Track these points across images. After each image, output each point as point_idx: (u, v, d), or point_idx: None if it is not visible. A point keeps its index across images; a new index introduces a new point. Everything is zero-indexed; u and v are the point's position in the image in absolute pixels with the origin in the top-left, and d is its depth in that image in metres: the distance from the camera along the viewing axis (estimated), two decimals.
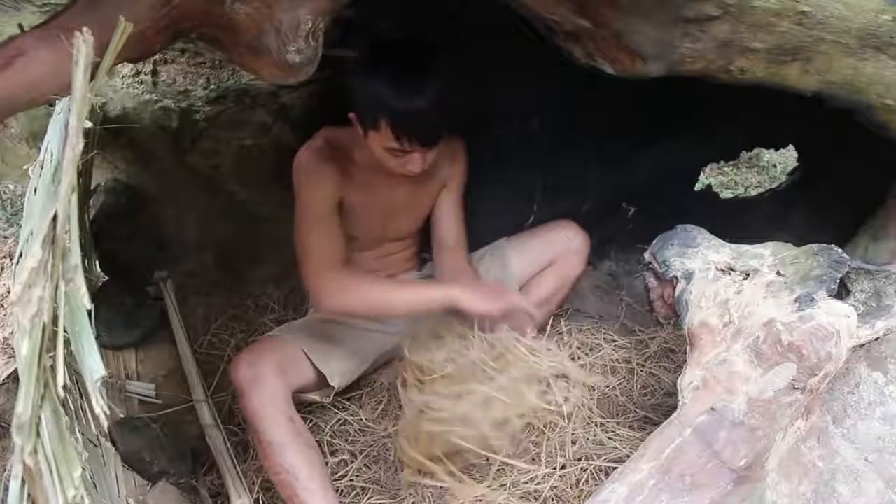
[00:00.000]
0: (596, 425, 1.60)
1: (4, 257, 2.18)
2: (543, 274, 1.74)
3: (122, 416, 1.59)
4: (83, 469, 0.66)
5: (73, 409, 1.16)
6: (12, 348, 1.77)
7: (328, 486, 1.39)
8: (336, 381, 1.56)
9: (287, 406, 1.40)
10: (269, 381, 1.39)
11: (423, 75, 1.33)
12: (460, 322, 1.45)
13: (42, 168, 1.08)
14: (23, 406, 0.58)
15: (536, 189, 2.06)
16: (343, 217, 1.55)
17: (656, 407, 1.65)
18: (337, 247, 1.50)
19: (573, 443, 1.53)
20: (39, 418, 0.61)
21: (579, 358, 1.80)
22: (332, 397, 1.61)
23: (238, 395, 1.41)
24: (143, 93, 1.80)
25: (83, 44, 0.58)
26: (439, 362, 1.34)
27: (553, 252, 1.74)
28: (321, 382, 1.56)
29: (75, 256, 0.61)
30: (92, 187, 1.84)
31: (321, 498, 1.34)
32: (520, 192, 2.04)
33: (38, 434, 0.61)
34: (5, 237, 2.32)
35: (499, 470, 1.47)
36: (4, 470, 1.25)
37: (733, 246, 1.29)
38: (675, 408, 1.15)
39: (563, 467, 1.47)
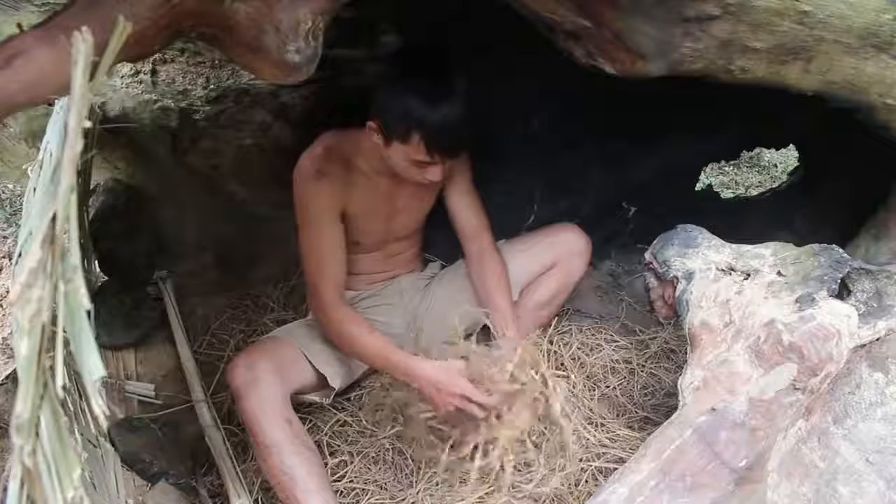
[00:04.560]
0: (596, 425, 1.60)
1: (4, 257, 2.18)
2: (545, 276, 1.74)
3: (122, 416, 1.59)
4: (82, 470, 0.66)
5: (72, 409, 1.16)
6: (11, 348, 1.76)
7: (326, 487, 1.39)
8: (336, 382, 1.56)
9: (284, 408, 1.40)
10: (265, 383, 1.39)
11: (453, 88, 1.35)
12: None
13: (41, 168, 1.08)
14: (22, 406, 0.57)
15: (536, 189, 2.06)
16: (346, 224, 1.55)
17: (657, 407, 1.65)
18: (339, 267, 1.52)
19: (574, 442, 1.53)
20: (38, 419, 0.61)
21: (579, 359, 1.80)
22: (331, 398, 1.60)
23: (235, 398, 1.41)
24: (142, 92, 1.79)
25: (82, 43, 0.57)
26: None
27: (555, 254, 1.74)
28: (321, 383, 1.55)
29: (74, 256, 0.61)
30: (91, 187, 1.84)
31: (319, 499, 1.34)
32: (520, 192, 2.04)
33: (38, 434, 0.60)
34: (5, 237, 2.32)
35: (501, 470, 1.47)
36: (3, 471, 1.24)
37: (734, 246, 1.29)
38: (675, 408, 1.15)
39: (562, 468, 1.47)
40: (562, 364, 1.78)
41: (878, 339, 1.14)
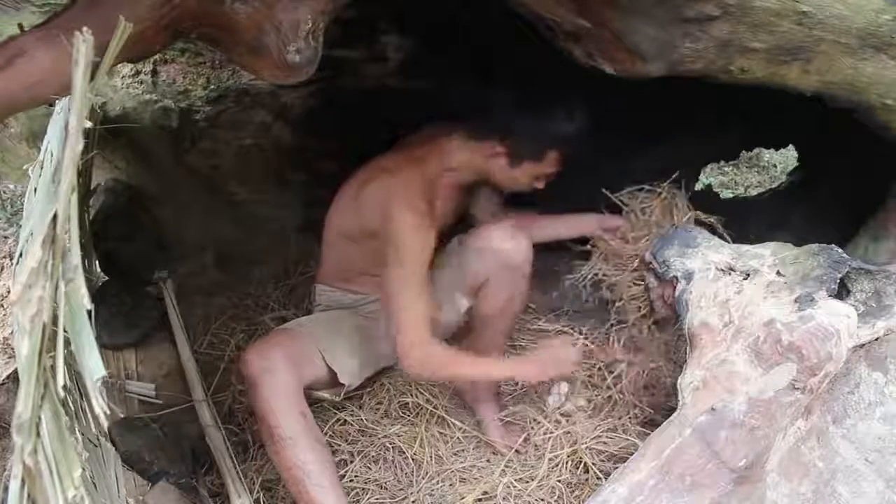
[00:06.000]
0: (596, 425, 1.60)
1: (4, 257, 2.18)
2: (483, 294, 1.58)
3: (122, 416, 1.59)
4: (83, 469, 0.66)
5: (72, 409, 1.16)
6: (12, 348, 1.77)
7: (338, 483, 1.36)
8: (346, 379, 1.53)
9: (299, 400, 1.37)
10: (281, 372, 1.35)
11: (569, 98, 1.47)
12: None
13: (42, 168, 1.08)
14: (23, 406, 0.58)
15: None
16: None
17: (657, 407, 1.65)
18: (429, 309, 1.50)
19: (573, 442, 1.53)
20: (39, 418, 0.61)
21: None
22: (342, 396, 1.57)
23: (248, 387, 1.37)
24: (143, 93, 1.80)
25: (83, 44, 0.58)
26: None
27: (485, 268, 1.55)
28: (332, 380, 1.53)
29: (75, 256, 0.61)
30: (92, 187, 1.84)
31: (333, 496, 1.32)
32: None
33: (38, 434, 0.61)
34: (5, 237, 2.32)
35: (502, 470, 1.48)
36: (4, 470, 1.25)
37: (733, 246, 1.29)
38: (675, 408, 1.15)
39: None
40: None
41: (876, 339, 1.14)
